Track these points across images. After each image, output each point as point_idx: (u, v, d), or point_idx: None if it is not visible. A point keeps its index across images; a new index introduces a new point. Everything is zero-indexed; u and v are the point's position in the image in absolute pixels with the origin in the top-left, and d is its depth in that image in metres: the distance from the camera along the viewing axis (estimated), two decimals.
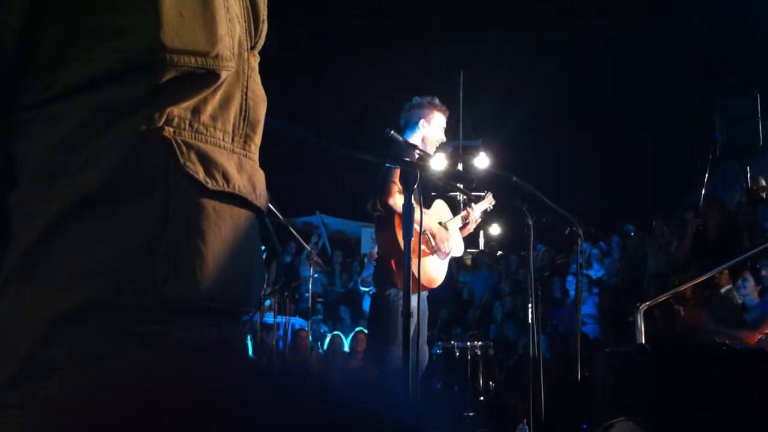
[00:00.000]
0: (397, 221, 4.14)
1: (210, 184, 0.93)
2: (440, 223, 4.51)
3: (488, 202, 4.88)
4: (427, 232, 4.35)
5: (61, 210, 0.86)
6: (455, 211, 4.91)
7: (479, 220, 4.86)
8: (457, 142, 11.99)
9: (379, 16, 15.25)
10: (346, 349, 9.04)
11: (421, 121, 4.47)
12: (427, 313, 4.56)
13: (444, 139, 4.60)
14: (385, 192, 4.10)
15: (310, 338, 8.89)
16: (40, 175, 0.89)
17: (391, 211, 4.14)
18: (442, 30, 15.72)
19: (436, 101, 4.51)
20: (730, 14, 12.53)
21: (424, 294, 4.54)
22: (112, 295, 0.85)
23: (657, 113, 13.98)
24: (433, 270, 4.37)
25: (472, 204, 4.75)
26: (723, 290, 6.45)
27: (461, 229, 4.75)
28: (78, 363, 0.83)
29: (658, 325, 6.20)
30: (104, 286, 0.85)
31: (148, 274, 0.87)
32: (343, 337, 9.28)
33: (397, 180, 4.08)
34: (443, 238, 4.41)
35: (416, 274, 4.01)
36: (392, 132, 4.10)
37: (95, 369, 0.82)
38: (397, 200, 4.07)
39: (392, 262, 4.19)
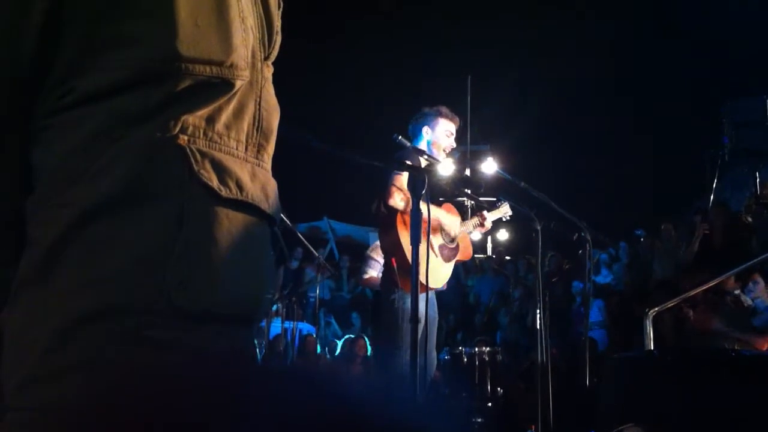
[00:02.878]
0: (398, 220, 4.20)
1: (224, 192, 0.94)
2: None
3: (502, 212, 4.86)
4: (436, 221, 4.40)
5: (76, 216, 0.87)
6: (464, 216, 4.92)
7: (489, 227, 4.86)
8: (465, 147, 11.97)
9: (386, 23, 15.25)
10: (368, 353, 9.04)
11: (425, 128, 4.56)
12: (437, 319, 4.57)
13: (453, 146, 4.63)
14: (387, 194, 4.16)
15: (318, 345, 8.91)
16: (56, 181, 0.90)
17: (393, 211, 4.19)
18: (449, 36, 15.70)
19: (442, 109, 4.58)
20: (738, 17, 12.49)
21: (434, 299, 4.56)
22: (124, 301, 0.86)
23: (666, 117, 13.93)
24: (437, 271, 4.38)
25: (485, 212, 4.76)
26: (732, 294, 6.42)
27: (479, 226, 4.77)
28: (89, 367, 0.83)
29: (667, 330, 6.18)
30: (117, 291, 0.86)
31: (161, 279, 0.87)
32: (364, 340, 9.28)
33: (398, 183, 4.15)
34: (449, 224, 4.45)
35: (420, 276, 4.07)
36: (400, 137, 4.15)
37: (106, 373, 0.83)
38: (397, 201, 4.14)
39: (393, 260, 4.24)
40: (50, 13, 0.89)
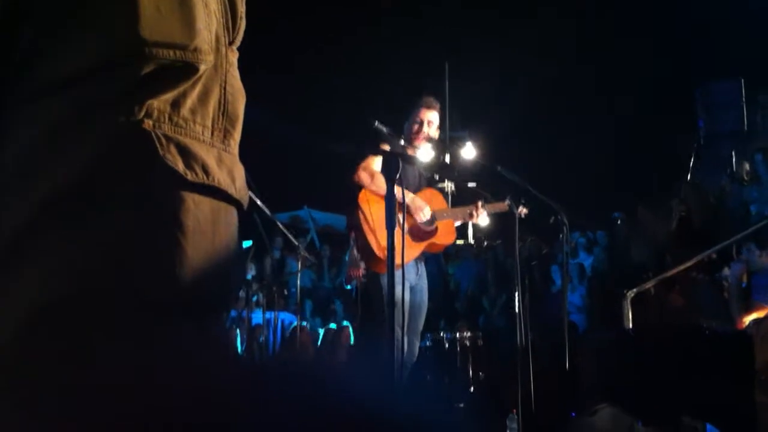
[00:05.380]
0: (360, 199, 4.26)
1: (190, 176, 0.94)
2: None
3: (500, 208, 4.82)
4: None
5: (39, 204, 0.87)
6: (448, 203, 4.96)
7: (478, 218, 4.83)
8: (444, 133, 11.98)
9: (364, 9, 15.21)
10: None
11: (406, 124, 4.72)
12: (423, 307, 4.60)
13: (430, 135, 4.66)
14: (353, 170, 4.26)
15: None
16: (20, 170, 0.89)
17: (356, 189, 4.28)
18: (427, 21, 15.70)
19: (422, 99, 4.67)
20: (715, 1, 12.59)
21: (424, 286, 4.59)
22: (88, 288, 0.85)
23: (643, 100, 14.02)
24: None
25: (482, 202, 4.76)
26: (710, 275, 6.50)
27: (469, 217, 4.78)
28: (57, 358, 0.83)
29: (649, 311, 6.24)
30: (81, 279, 0.85)
31: (127, 266, 0.87)
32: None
33: (366, 162, 4.24)
34: (418, 207, 4.45)
35: (376, 252, 4.11)
36: (377, 123, 4.19)
37: (74, 363, 0.83)
38: (362, 176, 4.22)
39: (352, 234, 4.32)
40: (10, 2, 0.89)
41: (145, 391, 0.82)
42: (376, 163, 4.30)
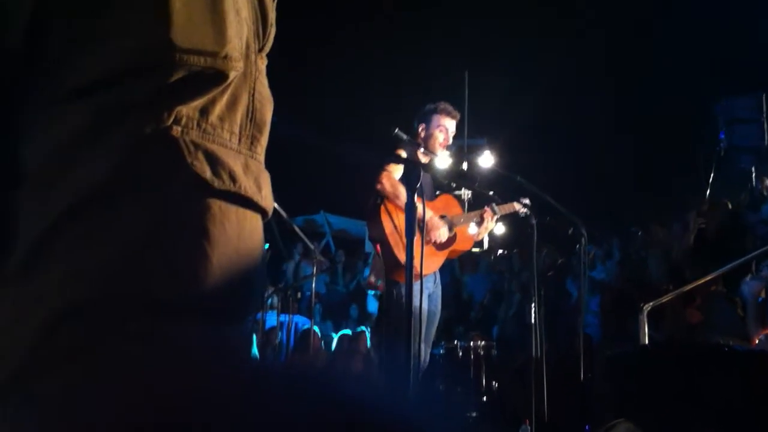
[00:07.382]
0: (383, 210, 4.24)
1: (216, 184, 0.93)
2: (442, 217, 4.53)
3: (510, 209, 4.79)
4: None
5: (63, 209, 0.86)
6: (465, 209, 4.93)
7: (488, 222, 4.80)
8: (462, 141, 11.94)
9: (384, 18, 15.23)
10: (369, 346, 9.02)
11: (421, 125, 4.67)
12: (437, 315, 4.59)
13: (449, 141, 4.65)
14: (376, 179, 4.22)
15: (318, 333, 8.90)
16: (45, 174, 0.89)
17: (380, 195, 4.25)
18: (447, 31, 15.70)
19: (440, 105, 4.65)
20: (733, 15, 12.51)
21: (437, 295, 4.58)
22: (110, 293, 0.85)
23: (662, 114, 13.94)
24: (425, 260, 4.41)
25: (494, 204, 4.74)
26: (726, 291, 6.44)
27: (477, 225, 4.76)
28: (74, 360, 0.82)
29: (665, 326, 6.19)
30: (103, 283, 0.85)
31: (151, 272, 0.87)
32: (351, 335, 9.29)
33: (390, 172, 4.21)
34: (435, 226, 4.44)
35: (403, 263, 4.09)
36: (397, 131, 4.19)
37: (91, 366, 0.82)
38: (385, 185, 4.19)
39: (377, 247, 4.29)
40: (40, 3, 0.88)
41: (155, 396, 0.82)
42: (396, 171, 4.28)
